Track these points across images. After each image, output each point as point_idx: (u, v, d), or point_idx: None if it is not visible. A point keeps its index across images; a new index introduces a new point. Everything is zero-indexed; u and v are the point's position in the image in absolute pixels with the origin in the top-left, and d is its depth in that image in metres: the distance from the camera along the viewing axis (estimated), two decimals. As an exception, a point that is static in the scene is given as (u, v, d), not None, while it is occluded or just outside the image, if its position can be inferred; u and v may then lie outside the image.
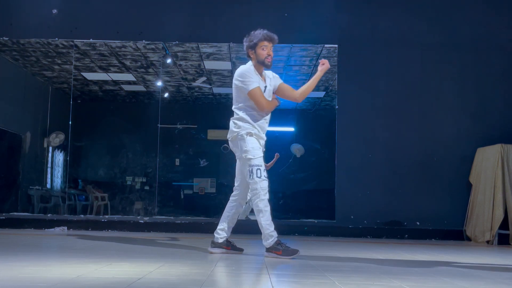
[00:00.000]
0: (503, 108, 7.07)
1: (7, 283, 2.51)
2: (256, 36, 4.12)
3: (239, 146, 4.13)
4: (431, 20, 7.23)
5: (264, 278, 3.05)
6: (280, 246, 4.01)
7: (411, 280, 3.01)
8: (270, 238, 4.03)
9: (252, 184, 4.03)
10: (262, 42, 4.11)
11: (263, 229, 4.04)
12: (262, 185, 4.00)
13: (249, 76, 4.09)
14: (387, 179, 6.97)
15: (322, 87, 10.02)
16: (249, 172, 4.03)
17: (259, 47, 4.12)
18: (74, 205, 9.76)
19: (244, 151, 4.07)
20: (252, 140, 4.09)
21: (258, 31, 4.14)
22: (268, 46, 4.13)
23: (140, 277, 2.80)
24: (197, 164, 11.18)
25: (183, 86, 10.26)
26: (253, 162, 4.02)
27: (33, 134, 10.12)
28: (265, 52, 4.12)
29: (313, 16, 7.21)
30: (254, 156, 4.03)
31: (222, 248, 4.22)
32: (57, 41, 7.63)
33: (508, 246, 6.11)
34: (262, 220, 4.01)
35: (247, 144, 4.07)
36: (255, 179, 3.99)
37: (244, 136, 4.08)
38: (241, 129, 4.11)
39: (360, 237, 6.77)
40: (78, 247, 4.61)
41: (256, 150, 4.07)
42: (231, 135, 4.18)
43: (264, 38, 4.11)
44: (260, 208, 4.01)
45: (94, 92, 10.81)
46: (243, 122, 4.12)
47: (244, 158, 4.07)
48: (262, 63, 4.15)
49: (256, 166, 4.01)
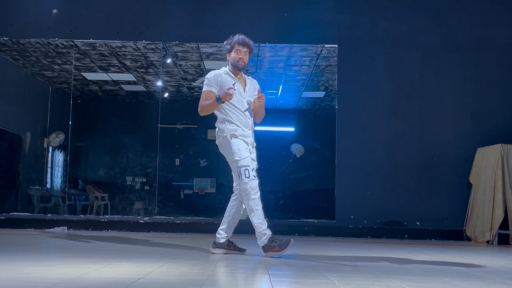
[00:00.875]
0: (503, 108, 7.07)
1: (7, 283, 2.51)
2: (233, 40, 4.32)
3: (225, 149, 4.21)
4: (431, 20, 7.23)
5: (264, 278, 3.05)
6: (274, 243, 4.04)
7: (411, 280, 3.01)
8: (263, 236, 4.06)
9: (242, 184, 4.08)
10: (236, 46, 4.29)
11: (255, 228, 4.07)
12: (252, 184, 4.05)
13: (208, 79, 4.28)
14: (387, 179, 6.97)
15: (322, 87, 10.02)
16: (238, 173, 4.09)
17: (233, 51, 4.31)
18: (74, 205, 9.76)
19: (231, 153, 4.14)
20: (237, 141, 4.16)
21: (236, 36, 4.32)
22: (242, 50, 4.28)
23: (140, 277, 2.80)
24: (197, 164, 11.18)
25: (183, 86, 10.26)
26: (240, 163, 4.09)
27: (33, 134, 10.11)
28: (237, 55, 4.28)
29: (313, 16, 7.21)
30: (241, 157, 4.10)
31: (223, 249, 4.23)
32: (57, 41, 7.63)
33: (508, 246, 6.11)
34: (254, 219, 4.05)
35: (232, 146, 4.14)
36: (244, 179, 4.05)
37: (228, 138, 4.17)
38: (225, 132, 4.19)
39: (360, 237, 6.76)
40: (78, 247, 4.61)
41: (242, 151, 4.13)
42: (217, 140, 4.29)
43: (238, 42, 4.29)
44: (251, 208, 4.04)
45: (94, 92, 10.81)
46: (224, 125, 4.21)
47: (232, 160, 4.14)
48: (234, 65, 4.30)
49: (244, 166, 4.07)
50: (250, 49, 4.34)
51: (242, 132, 4.20)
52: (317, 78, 9.48)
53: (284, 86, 9.93)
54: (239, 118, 4.22)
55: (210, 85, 4.27)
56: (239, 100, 4.25)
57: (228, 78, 4.28)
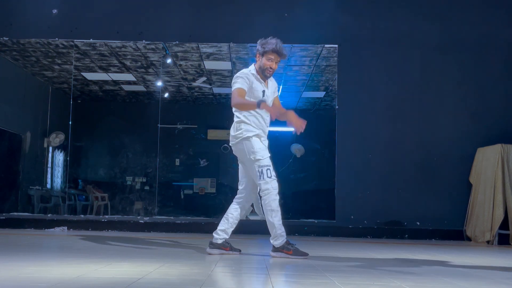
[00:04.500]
0: (503, 108, 7.07)
1: (7, 283, 2.51)
2: (268, 45, 4.17)
3: (244, 149, 4.12)
4: (431, 20, 7.23)
5: (264, 278, 3.05)
6: (290, 246, 4.05)
7: (411, 280, 3.01)
8: (281, 238, 4.05)
9: (263, 184, 4.03)
10: (271, 54, 4.15)
11: (275, 228, 4.04)
12: (273, 185, 4.05)
13: (241, 77, 4.14)
14: (387, 179, 6.97)
15: (322, 87, 10.02)
16: (259, 173, 4.03)
17: (266, 56, 4.17)
18: (74, 205, 9.76)
19: (252, 152, 4.06)
20: (258, 142, 4.11)
21: (273, 40, 4.18)
22: (274, 59, 4.17)
23: (140, 277, 2.80)
24: (197, 164, 11.18)
25: (183, 86, 10.26)
26: (262, 162, 4.04)
27: (33, 134, 10.12)
28: (269, 63, 4.17)
29: (313, 16, 7.21)
30: (263, 156, 4.05)
31: (220, 249, 4.21)
32: (57, 41, 7.63)
33: (508, 246, 6.11)
34: (275, 220, 4.03)
35: (253, 145, 4.07)
36: (266, 179, 4.02)
37: (249, 138, 4.09)
38: (244, 131, 4.11)
39: (360, 237, 6.76)
40: (78, 247, 4.61)
41: (264, 151, 4.09)
42: (234, 140, 4.18)
43: (273, 50, 4.14)
44: (273, 208, 4.04)
45: (94, 92, 10.81)
46: (245, 125, 4.13)
47: (252, 160, 4.06)
48: (262, 72, 4.20)
49: (266, 166, 4.03)
50: (283, 58, 4.25)
51: (262, 135, 4.18)
52: (317, 78, 9.48)
53: (284, 86, 9.93)
54: (260, 123, 4.17)
55: (244, 83, 4.12)
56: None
57: (257, 82, 4.19)
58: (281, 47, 4.17)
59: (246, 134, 4.10)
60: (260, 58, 4.21)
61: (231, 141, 4.24)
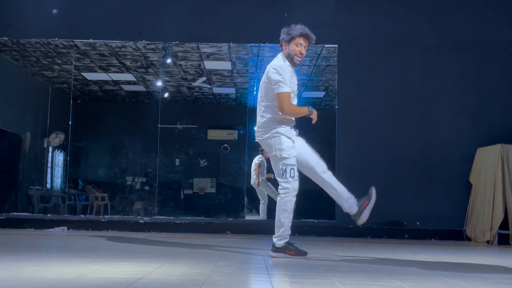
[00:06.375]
0: (503, 108, 7.07)
1: (7, 283, 2.51)
2: (295, 30, 4.04)
3: (272, 145, 4.02)
4: (431, 20, 7.23)
5: (264, 278, 3.05)
6: (291, 247, 4.03)
7: (411, 280, 3.01)
8: (285, 239, 4.02)
9: (285, 183, 3.99)
10: (298, 38, 4.03)
11: (283, 228, 3.99)
12: (294, 185, 4.00)
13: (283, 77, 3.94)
14: (387, 179, 6.97)
15: (322, 87, 10.02)
16: (283, 171, 3.98)
17: (293, 42, 4.04)
18: (74, 205, 9.76)
19: (279, 149, 3.99)
20: (288, 140, 4.04)
21: (299, 26, 4.05)
22: (303, 44, 4.05)
23: (140, 277, 2.80)
24: (197, 164, 11.17)
25: (183, 86, 10.26)
26: (288, 161, 3.99)
27: (33, 134, 10.11)
28: (298, 49, 4.04)
29: (313, 16, 7.21)
30: (289, 155, 4.00)
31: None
32: (57, 41, 7.63)
33: (508, 246, 6.11)
34: (286, 221, 3.98)
35: (282, 142, 4.00)
36: (289, 178, 3.98)
37: (280, 134, 4.02)
38: (274, 128, 4.02)
39: (360, 237, 6.76)
40: (78, 247, 4.61)
41: (292, 150, 4.02)
42: (264, 135, 4.06)
43: (301, 34, 4.01)
44: (287, 209, 3.98)
45: (94, 92, 10.81)
46: (279, 124, 4.04)
47: (278, 157, 3.99)
48: (291, 60, 4.06)
49: (291, 165, 3.98)
50: (310, 43, 4.09)
51: (291, 134, 4.10)
52: (317, 78, 9.47)
53: (284, 86, 9.91)
54: (292, 120, 4.12)
55: (288, 84, 3.96)
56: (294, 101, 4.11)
57: (293, 76, 4.05)
58: (308, 30, 4.04)
59: (278, 129, 4.02)
60: (287, 46, 4.06)
61: (257, 137, 4.13)
